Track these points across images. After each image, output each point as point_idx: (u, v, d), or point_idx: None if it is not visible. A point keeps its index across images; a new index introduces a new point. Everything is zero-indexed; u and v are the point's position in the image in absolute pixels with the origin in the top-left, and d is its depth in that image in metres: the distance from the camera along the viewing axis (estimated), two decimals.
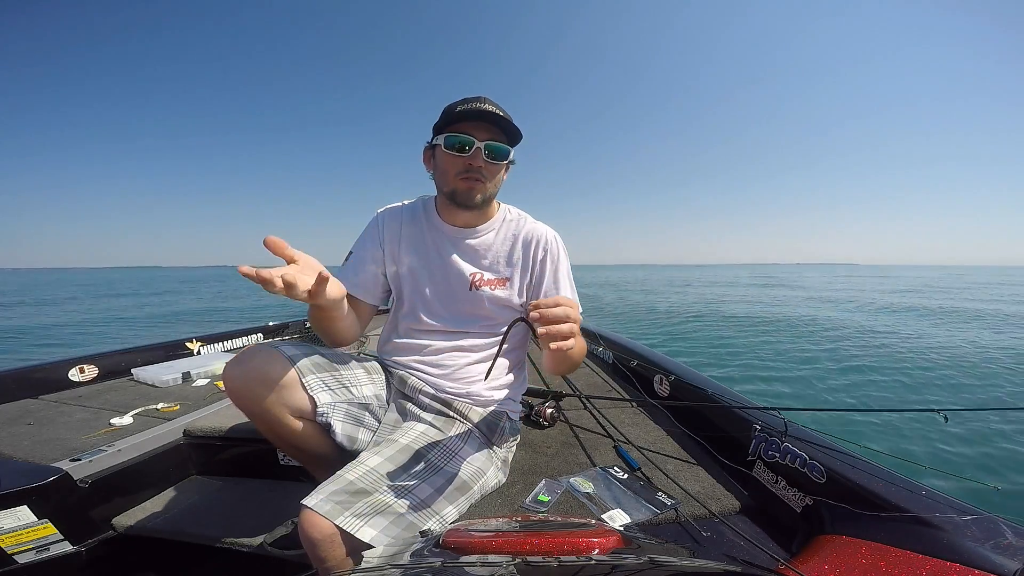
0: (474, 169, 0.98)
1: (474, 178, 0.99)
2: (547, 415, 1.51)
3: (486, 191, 1.02)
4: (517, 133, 1.00)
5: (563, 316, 0.72)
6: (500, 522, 0.68)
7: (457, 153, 0.97)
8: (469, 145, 0.96)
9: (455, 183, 1.01)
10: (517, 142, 1.03)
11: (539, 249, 1.11)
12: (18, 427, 1.46)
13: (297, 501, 0.76)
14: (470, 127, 0.97)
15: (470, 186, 1.00)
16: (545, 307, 0.73)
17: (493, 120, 0.96)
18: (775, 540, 0.92)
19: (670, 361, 1.89)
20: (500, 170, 1.04)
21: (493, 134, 0.98)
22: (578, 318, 0.76)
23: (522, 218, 1.16)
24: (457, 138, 0.96)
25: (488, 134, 0.97)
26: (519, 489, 1.10)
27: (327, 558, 0.72)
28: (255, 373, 0.87)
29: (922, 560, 0.69)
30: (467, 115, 0.96)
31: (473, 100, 0.98)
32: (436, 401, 1.06)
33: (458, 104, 0.98)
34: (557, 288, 1.10)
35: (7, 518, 0.97)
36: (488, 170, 1.00)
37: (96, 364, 2.05)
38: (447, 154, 0.99)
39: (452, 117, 0.97)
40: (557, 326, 0.71)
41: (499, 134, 0.99)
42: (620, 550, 0.52)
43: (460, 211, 1.07)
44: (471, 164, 0.98)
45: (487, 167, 0.99)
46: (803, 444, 1.04)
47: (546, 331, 0.71)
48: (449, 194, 1.04)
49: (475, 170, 0.98)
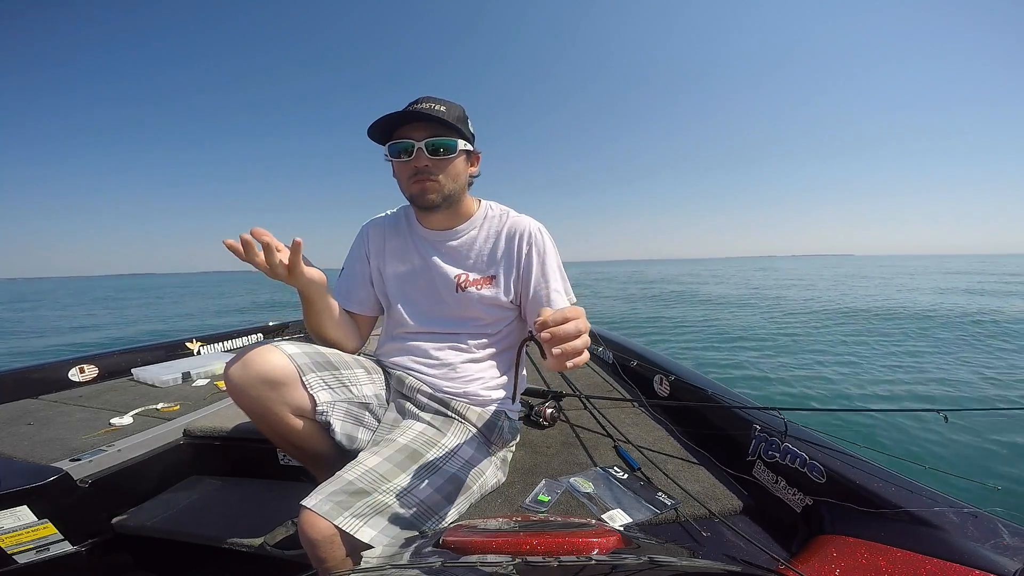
0: (420, 171, 0.98)
1: (422, 179, 0.98)
2: (547, 415, 1.51)
3: (442, 189, 1.00)
4: (457, 126, 0.97)
5: (574, 332, 0.68)
6: (500, 522, 0.68)
7: (403, 159, 0.98)
8: (410, 148, 0.96)
9: (409, 188, 1.01)
10: (465, 133, 1.00)
11: (523, 243, 1.09)
12: (18, 427, 1.46)
13: (297, 501, 0.76)
14: (409, 130, 0.97)
15: (421, 187, 0.99)
16: (554, 324, 0.68)
17: (426, 118, 0.95)
18: (775, 540, 0.92)
19: (670, 361, 1.89)
20: (451, 164, 1.00)
21: (433, 131, 0.97)
22: (587, 327, 0.72)
23: (505, 213, 1.15)
24: (397, 145, 0.97)
25: (427, 132, 0.96)
26: (519, 489, 1.10)
27: (327, 558, 0.72)
28: (256, 371, 0.87)
29: (922, 560, 0.69)
30: (403, 118, 0.96)
31: (411, 104, 0.97)
32: (434, 400, 1.06)
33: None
34: (547, 281, 1.08)
35: (7, 518, 0.97)
36: (437, 167, 0.98)
37: (96, 364, 2.05)
38: (394, 162, 1.00)
39: (391, 124, 0.97)
40: (572, 344, 0.67)
41: (439, 129, 0.97)
42: (620, 550, 0.52)
43: (432, 214, 1.07)
44: (416, 167, 0.98)
45: (435, 164, 0.98)
46: (803, 444, 1.04)
47: (561, 351, 0.67)
48: (409, 199, 1.05)
49: (421, 171, 0.98)
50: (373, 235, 1.16)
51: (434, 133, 0.97)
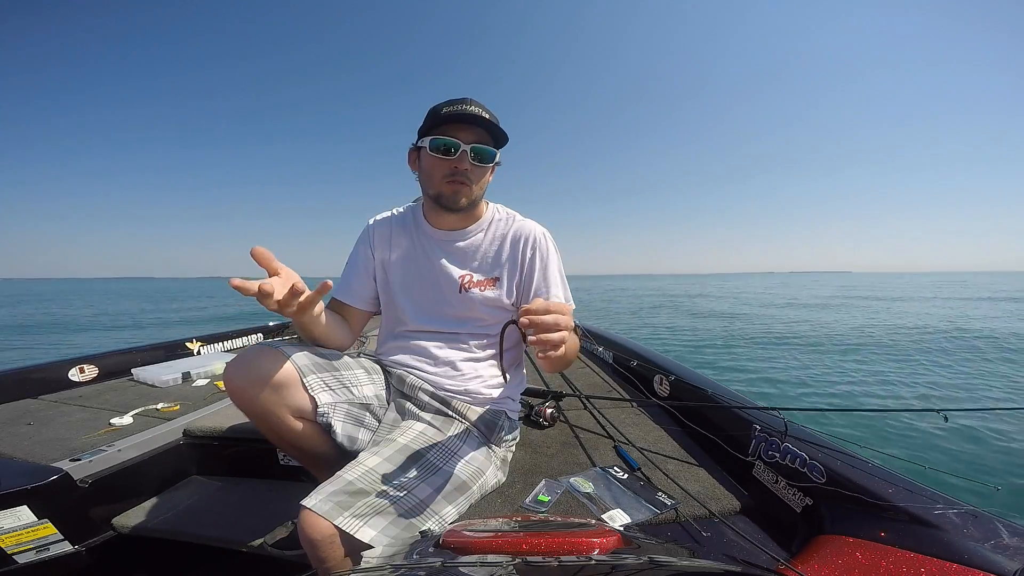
0: (460, 172, 0.98)
1: (460, 181, 0.99)
2: (547, 415, 1.51)
3: (472, 194, 1.02)
4: (503, 135, 0.99)
5: (553, 324, 0.72)
6: (500, 522, 0.68)
7: (443, 156, 0.97)
8: (455, 148, 0.96)
9: (441, 186, 1.00)
10: (503, 144, 1.02)
11: (528, 248, 1.10)
12: (18, 427, 1.46)
13: (297, 501, 0.76)
14: (455, 129, 0.96)
15: (455, 189, 0.99)
16: (535, 313, 0.72)
17: (479, 123, 0.95)
18: (775, 540, 0.92)
19: (670, 361, 1.89)
20: (486, 173, 1.03)
21: (479, 136, 0.97)
22: (569, 324, 0.76)
23: (511, 217, 1.15)
24: (443, 141, 0.96)
25: (474, 136, 0.97)
26: (519, 489, 1.10)
27: (327, 558, 0.72)
28: (256, 373, 0.87)
29: (922, 560, 0.69)
30: (453, 117, 0.95)
31: (459, 102, 0.96)
32: (435, 399, 1.06)
33: (443, 106, 0.97)
34: (547, 286, 1.09)
35: (7, 518, 0.96)
36: (474, 173, 0.99)
37: (96, 364, 2.05)
38: (433, 157, 0.98)
39: (438, 119, 0.96)
40: (548, 335, 0.71)
41: (485, 136, 0.98)
42: (620, 550, 0.52)
43: (447, 214, 1.07)
44: (457, 167, 0.97)
45: (473, 170, 0.99)
46: (803, 444, 1.04)
47: (537, 339, 0.71)
48: (435, 197, 1.03)
49: (461, 173, 0.98)
50: (378, 231, 1.15)
51: (481, 139, 0.97)
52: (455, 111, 0.95)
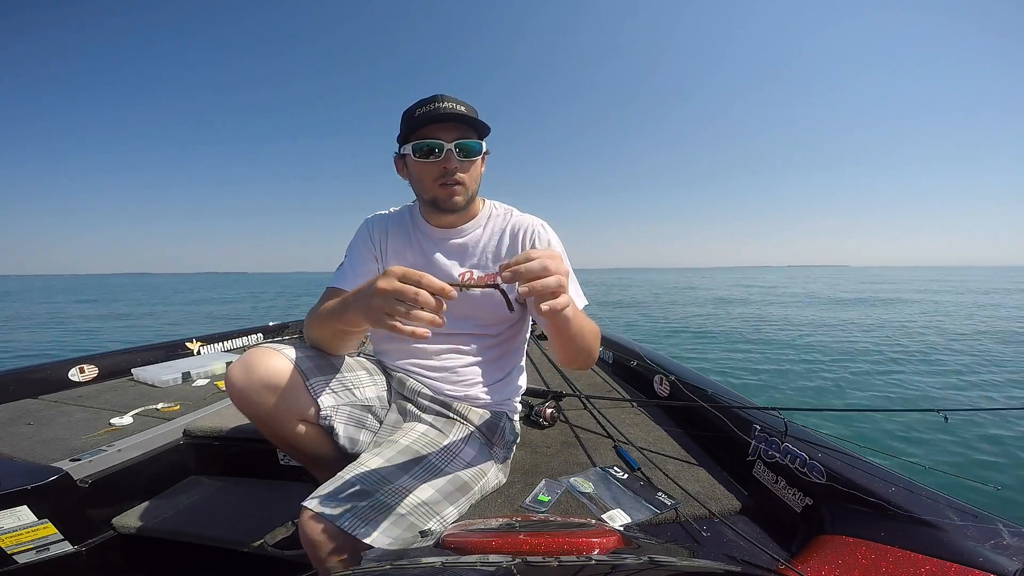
0: (450, 172, 0.96)
1: (452, 182, 0.97)
2: (547, 415, 1.51)
3: (467, 191, 1.00)
4: (483, 125, 0.96)
5: (540, 269, 0.63)
6: (500, 522, 0.68)
7: (429, 159, 0.95)
8: (439, 148, 0.94)
9: (434, 191, 0.99)
10: (486, 134, 1.00)
11: (527, 240, 1.09)
12: (18, 427, 1.46)
13: (297, 501, 0.76)
14: (435, 130, 0.94)
15: (450, 192, 0.98)
16: (516, 264, 0.63)
17: (456, 118, 0.93)
18: (775, 540, 0.92)
19: (670, 361, 1.89)
20: (476, 166, 1.02)
21: (460, 132, 0.95)
22: (563, 269, 0.67)
23: (508, 212, 1.14)
24: (425, 143, 0.94)
25: (455, 133, 0.95)
26: (519, 489, 1.10)
27: (327, 559, 0.72)
28: (258, 376, 0.87)
29: (922, 560, 0.69)
30: (429, 118, 0.93)
31: (430, 101, 0.94)
32: (435, 403, 1.06)
33: (416, 108, 0.95)
34: None
35: (7, 518, 0.96)
36: (464, 169, 0.98)
37: (96, 364, 2.05)
38: (419, 162, 0.96)
39: (414, 122, 0.94)
40: (541, 281, 0.63)
41: (466, 130, 0.96)
42: (620, 550, 0.52)
43: (447, 215, 1.06)
44: (446, 168, 0.96)
45: (462, 166, 0.97)
46: (803, 444, 1.04)
47: (528, 288, 0.63)
48: (431, 201, 1.02)
49: (451, 173, 0.96)
50: (377, 228, 1.14)
51: (463, 135, 0.95)
52: (429, 111, 0.93)
